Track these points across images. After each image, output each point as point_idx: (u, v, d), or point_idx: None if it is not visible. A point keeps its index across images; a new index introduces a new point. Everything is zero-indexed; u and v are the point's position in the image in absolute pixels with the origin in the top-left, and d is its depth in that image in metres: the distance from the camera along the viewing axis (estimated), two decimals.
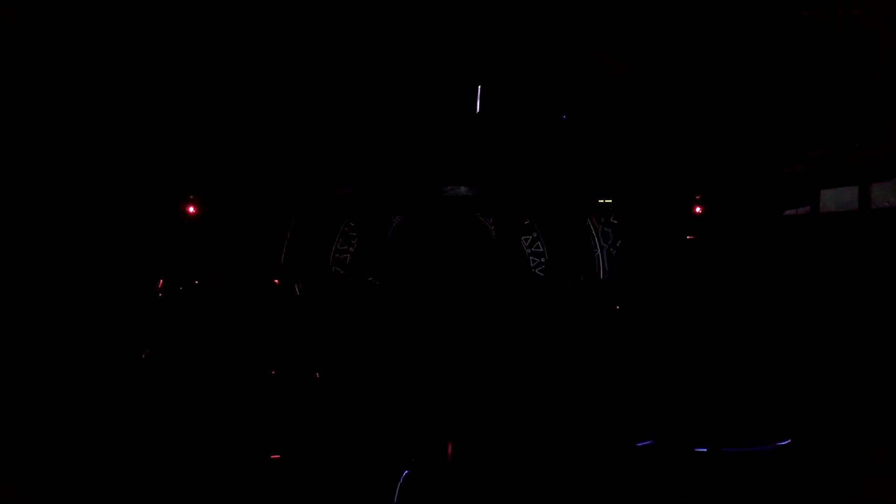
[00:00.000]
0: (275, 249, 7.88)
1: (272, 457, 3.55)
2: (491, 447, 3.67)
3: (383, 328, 5.79)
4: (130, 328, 5.27)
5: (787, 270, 5.96)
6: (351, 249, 7.90)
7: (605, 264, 7.77)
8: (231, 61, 5.34)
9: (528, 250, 7.86)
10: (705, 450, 3.64)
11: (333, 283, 7.47)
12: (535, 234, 7.85)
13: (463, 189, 7.70)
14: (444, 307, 6.60)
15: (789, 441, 3.63)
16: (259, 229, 7.86)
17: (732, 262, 6.51)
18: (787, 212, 6.21)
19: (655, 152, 6.86)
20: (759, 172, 6.40)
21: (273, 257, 7.81)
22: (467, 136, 6.71)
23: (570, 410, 4.02)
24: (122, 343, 4.85)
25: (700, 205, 7.10)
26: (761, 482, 3.46)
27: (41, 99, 5.22)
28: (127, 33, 4.73)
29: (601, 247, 7.78)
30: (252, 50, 5.20)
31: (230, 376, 4.28)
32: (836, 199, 5.82)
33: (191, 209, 7.33)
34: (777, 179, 6.20)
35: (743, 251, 6.51)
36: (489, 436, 3.79)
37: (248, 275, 7.48)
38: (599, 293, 7.37)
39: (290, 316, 5.88)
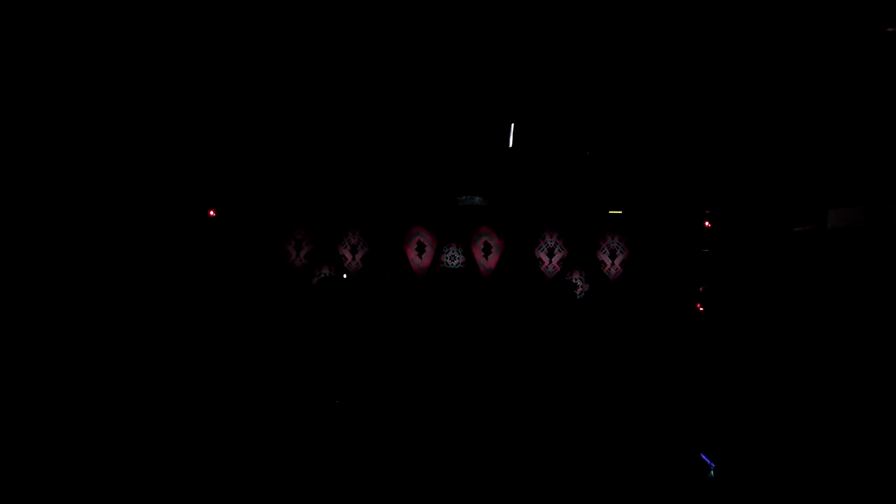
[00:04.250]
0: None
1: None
2: (502, 448, 3.78)
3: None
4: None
5: (795, 284, 6.09)
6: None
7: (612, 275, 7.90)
8: (260, 77, 5.51)
9: (541, 260, 7.99)
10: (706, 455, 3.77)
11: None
12: (549, 244, 7.98)
13: (477, 199, 7.85)
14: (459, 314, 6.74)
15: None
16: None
17: (740, 275, 6.65)
18: (796, 228, 6.34)
19: (667, 166, 7.02)
20: (768, 189, 6.55)
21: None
22: (483, 146, 6.86)
23: (575, 415, 4.15)
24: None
25: (709, 220, 7.25)
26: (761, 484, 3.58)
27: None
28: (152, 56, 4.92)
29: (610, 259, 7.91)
30: (276, 65, 5.37)
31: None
32: (842, 217, 5.96)
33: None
34: (785, 196, 6.35)
35: (751, 265, 6.65)
36: (501, 437, 3.90)
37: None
38: (609, 303, 7.52)
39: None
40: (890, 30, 4.61)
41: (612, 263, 7.87)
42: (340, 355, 4.85)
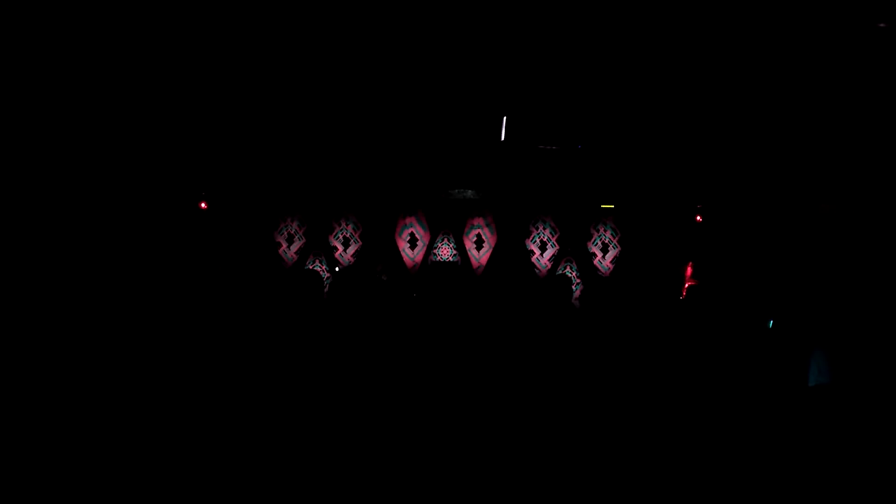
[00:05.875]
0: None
1: None
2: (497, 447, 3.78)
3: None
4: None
5: (786, 275, 6.15)
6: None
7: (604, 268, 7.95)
8: (252, 71, 5.46)
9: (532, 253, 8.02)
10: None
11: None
12: (540, 238, 8.00)
13: (469, 193, 7.84)
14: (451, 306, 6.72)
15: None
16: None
17: (734, 268, 6.71)
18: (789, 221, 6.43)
19: (659, 160, 7.06)
20: (761, 183, 6.62)
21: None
22: (475, 139, 6.85)
23: (570, 412, 4.16)
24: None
25: (700, 214, 7.31)
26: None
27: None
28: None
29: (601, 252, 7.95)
30: (271, 59, 5.32)
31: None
32: (833, 211, 6.04)
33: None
34: (777, 191, 6.41)
35: (743, 258, 6.72)
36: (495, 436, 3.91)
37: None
38: (601, 297, 7.55)
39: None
40: (882, 25, 4.63)
41: (604, 257, 7.91)
42: (334, 353, 4.83)
